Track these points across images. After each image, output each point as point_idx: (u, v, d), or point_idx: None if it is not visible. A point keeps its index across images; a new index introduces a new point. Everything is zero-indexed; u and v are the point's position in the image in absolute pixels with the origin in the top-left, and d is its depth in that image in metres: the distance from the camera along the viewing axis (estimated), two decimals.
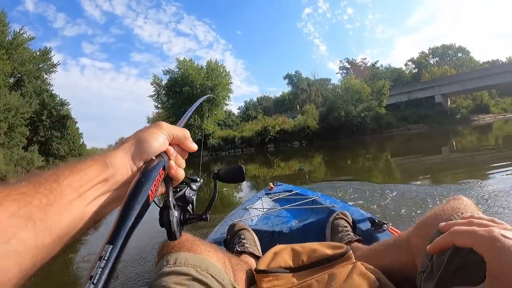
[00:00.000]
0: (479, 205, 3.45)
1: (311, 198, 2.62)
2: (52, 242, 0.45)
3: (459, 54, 75.00)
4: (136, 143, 0.63)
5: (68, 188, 0.49)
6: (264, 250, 1.34)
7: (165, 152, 0.68)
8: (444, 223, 0.70)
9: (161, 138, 0.67)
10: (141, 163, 0.62)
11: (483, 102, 50.38)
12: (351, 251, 1.12)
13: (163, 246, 0.91)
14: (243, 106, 66.68)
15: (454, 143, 14.92)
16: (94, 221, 0.54)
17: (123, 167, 0.59)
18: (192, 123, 38.66)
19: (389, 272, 1.01)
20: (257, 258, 1.54)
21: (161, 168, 0.64)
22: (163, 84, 40.85)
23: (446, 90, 46.45)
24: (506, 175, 5.29)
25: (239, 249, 1.60)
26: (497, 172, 5.59)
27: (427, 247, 0.66)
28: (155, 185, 0.59)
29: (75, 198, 0.50)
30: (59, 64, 35.63)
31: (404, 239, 1.02)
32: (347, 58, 65.62)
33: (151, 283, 0.79)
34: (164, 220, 0.65)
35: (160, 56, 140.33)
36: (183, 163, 0.74)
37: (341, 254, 1.09)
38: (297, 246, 1.20)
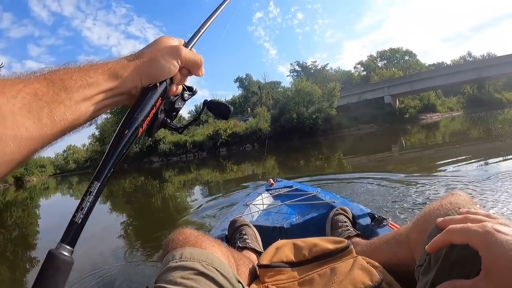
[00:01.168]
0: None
1: (311, 193, 2.66)
2: (54, 134, 0.53)
3: (406, 57, 78.29)
4: (149, 64, 0.66)
5: (77, 91, 0.56)
6: (265, 246, 1.40)
7: (170, 78, 0.71)
8: (442, 218, 0.73)
9: (172, 68, 0.69)
10: (146, 83, 0.67)
11: (430, 102, 52.81)
12: (352, 246, 1.16)
13: (168, 241, 0.95)
14: (193, 110, 65.90)
15: (403, 141, 15.47)
16: (92, 119, 0.61)
17: (129, 82, 0.64)
18: None
19: (388, 266, 1.04)
20: (258, 253, 1.58)
21: (160, 97, 0.69)
22: None
23: (395, 91, 48.37)
24: (453, 169, 5.65)
25: (240, 245, 1.64)
26: (442, 166, 6.05)
27: (426, 246, 0.69)
28: (147, 120, 0.66)
29: (81, 100, 0.56)
30: (2, 66, 33.57)
31: (403, 234, 1.05)
32: (297, 61, 66.64)
33: (158, 278, 0.82)
34: (151, 121, 0.70)
35: None
36: (184, 81, 0.77)
37: (343, 249, 1.14)
38: (299, 241, 1.23)
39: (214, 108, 0.92)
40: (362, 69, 75.69)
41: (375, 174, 5.97)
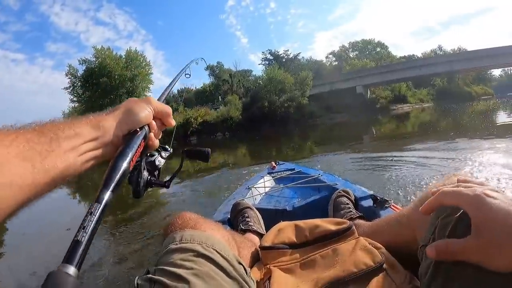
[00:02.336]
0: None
1: (313, 176, 2.68)
2: (46, 182, 0.56)
3: (378, 49, 79.42)
4: (126, 113, 0.74)
5: (65, 141, 0.60)
6: (268, 228, 1.42)
7: (148, 125, 0.78)
8: (436, 189, 0.74)
9: (147, 112, 0.77)
10: (126, 131, 0.73)
11: (401, 93, 54.02)
12: (354, 227, 1.17)
13: (168, 225, 0.98)
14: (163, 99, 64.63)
15: (374, 131, 15.92)
16: (81, 169, 0.65)
17: (111, 131, 0.70)
18: None
19: (390, 247, 1.05)
20: (261, 236, 1.60)
21: (142, 140, 0.75)
22: (79, 75, 37.46)
23: (367, 82, 49.28)
24: (413, 156, 6.00)
25: (243, 228, 1.67)
26: (405, 154, 6.41)
27: (420, 208, 0.73)
28: (135, 155, 0.72)
29: (69, 149, 0.61)
30: None
31: (405, 215, 1.04)
32: (269, 50, 66.38)
33: (159, 260, 0.84)
34: (133, 180, 0.79)
35: (77, 46, 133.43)
36: (159, 134, 0.86)
37: (344, 230, 1.14)
38: (301, 223, 1.24)
39: (192, 155, 1.02)
40: (334, 59, 76.51)
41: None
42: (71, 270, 0.46)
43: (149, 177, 0.83)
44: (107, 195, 0.60)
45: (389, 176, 4.63)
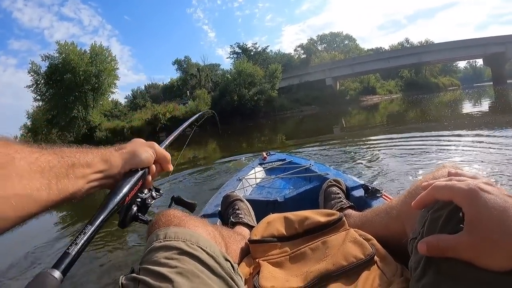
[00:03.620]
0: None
1: (304, 166, 2.69)
2: (56, 201, 0.65)
3: (346, 42, 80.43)
4: (131, 154, 0.87)
5: (79, 168, 0.72)
6: (259, 220, 1.37)
7: (148, 167, 0.92)
8: (426, 182, 0.73)
9: (150, 157, 0.90)
10: (128, 170, 0.86)
11: (370, 85, 55.24)
12: (344, 218, 1.18)
13: (152, 224, 0.97)
14: (130, 95, 63.75)
15: (344, 122, 16.18)
16: (83, 195, 0.75)
17: (116, 167, 0.83)
18: (76, 115, 35.82)
19: (380, 238, 1.05)
20: (251, 228, 1.57)
21: (140, 180, 0.88)
22: (42, 72, 35.83)
23: (336, 73, 50.27)
24: (385, 147, 6.07)
25: (233, 220, 1.66)
26: (376, 144, 6.50)
27: (412, 203, 0.72)
28: (131, 193, 0.83)
29: (81, 177, 0.72)
30: None
31: (394, 206, 1.04)
32: (238, 43, 66.21)
33: (142, 259, 0.83)
34: (122, 211, 0.90)
35: (41, 43, 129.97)
36: (156, 176, 0.98)
37: (334, 221, 1.15)
38: (290, 215, 1.23)
39: (181, 203, 1.17)
40: (302, 52, 76.96)
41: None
42: (57, 274, 0.55)
43: (137, 213, 0.95)
44: (99, 220, 0.70)
45: (361, 166, 4.72)
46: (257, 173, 2.89)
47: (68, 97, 35.35)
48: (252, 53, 60.98)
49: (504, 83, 42.28)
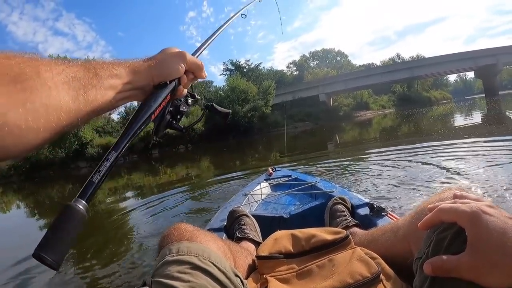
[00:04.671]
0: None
1: (310, 183, 2.69)
2: (87, 112, 0.64)
3: (338, 58, 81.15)
4: (160, 65, 0.82)
5: (107, 79, 0.70)
6: (265, 236, 1.44)
7: (179, 78, 0.87)
8: (432, 204, 0.76)
9: (180, 67, 0.85)
10: (157, 82, 0.82)
11: (363, 100, 55.68)
12: (350, 236, 1.18)
13: (164, 236, 1.00)
14: (123, 111, 63.44)
15: (338, 138, 16.26)
16: (114, 107, 0.74)
17: (144, 78, 0.80)
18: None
19: (386, 257, 1.05)
20: (257, 244, 1.60)
21: (169, 93, 0.84)
22: None
23: (329, 89, 50.60)
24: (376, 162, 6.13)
25: (239, 235, 1.67)
26: (371, 159, 6.69)
27: (418, 224, 0.74)
28: (158, 109, 0.81)
29: (108, 87, 0.70)
30: None
31: (401, 226, 1.06)
32: (231, 60, 66.49)
33: (155, 272, 0.84)
34: (155, 120, 0.85)
35: None
36: (189, 85, 0.94)
37: (341, 239, 1.15)
38: (297, 232, 1.23)
39: (215, 111, 1.11)
40: (295, 68, 77.52)
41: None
42: (82, 203, 0.59)
43: (170, 119, 0.92)
44: (123, 143, 0.70)
45: (357, 183, 4.71)
46: (263, 189, 2.91)
47: None
48: (245, 70, 61.21)
49: (496, 95, 43.00)
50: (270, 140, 23.91)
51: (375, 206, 1.77)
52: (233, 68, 63.64)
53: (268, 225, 1.94)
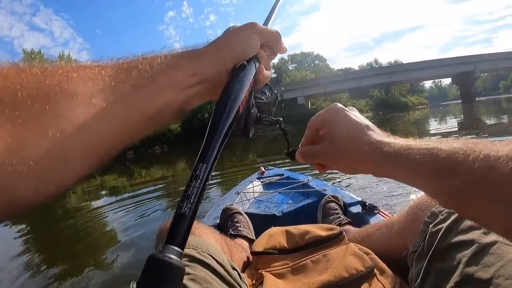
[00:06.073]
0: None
1: (302, 181, 2.71)
2: (142, 123, 0.47)
3: (317, 62, 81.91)
4: (228, 44, 0.60)
5: (163, 74, 0.51)
6: (257, 234, 1.46)
7: (256, 56, 0.64)
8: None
9: (253, 42, 0.63)
10: (231, 66, 0.59)
11: (342, 104, 55.16)
12: (344, 232, 1.21)
13: (162, 229, 1.02)
14: None
15: None
16: (183, 109, 0.55)
17: (213, 64, 0.57)
18: None
19: (380, 252, 1.08)
20: (250, 241, 1.61)
21: (252, 76, 0.61)
22: None
23: (308, 92, 51.29)
24: None
25: (233, 233, 1.68)
26: None
27: (298, 152, 0.73)
28: (244, 99, 0.58)
29: (167, 84, 0.51)
30: None
31: (395, 221, 1.10)
32: None
33: None
34: (242, 117, 0.61)
35: (11, 52, 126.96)
36: (270, 65, 0.70)
37: (335, 236, 1.17)
38: (291, 228, 1.25)
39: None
40: (273, 71, 77.77)
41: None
42: (175, 251, 0.37)
43: (258, 114, 0.69)
44: (214, 152, 0.47)
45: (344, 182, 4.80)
46: (255, 187, 2.93)
47: None
48: None
49: (473, 101, 43.97)
50: (247, 143, 23.74)
51: (367, 204, 1.81)
52: None
53: (261, 223, 1.94)
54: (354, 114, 0.68)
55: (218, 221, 1.96)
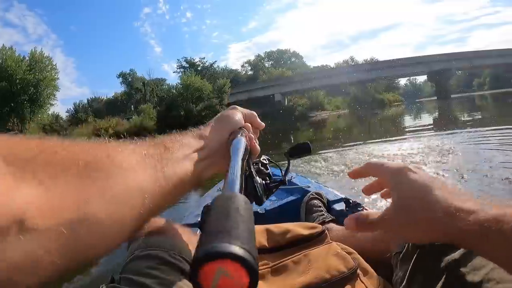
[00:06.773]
0: None
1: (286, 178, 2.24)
2: (169, 190, 0.55)
3: (293, 59, 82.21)
4: (221, 120, 0.77)
5: (177, 150, 0.61)
6: None
7: (243, 128, 0.78)
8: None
9: (239, 115, 0.79)
10: (227, 135, 0.73)
11: (319, 101, 56.84)
12: (327, 231, 1.17)
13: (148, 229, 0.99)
14: (71, 108, 61.42)
15: (292, 138, 16.73)
16: (197, 180, 0.66)
17: (214, 138, 0.72)
18: (11, 128, 33.49)
19: (363, 252, 1.05)
20: None
21: (245, 138, 0.71)
22: None
23: (285, 89, 51.73)
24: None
25: None
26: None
27: (348, 172, 0.78)
28: (246, 155, 0.65)
29: (182, 158, 0.61)
30: None
31: None
32: (185, 57, 65.91)
33: (123, 268, 0.83)
34: (249, 188, 0.67)
35: None
36: (255, 138, 0.82)
37: (317, 234, 1.14)
38: (272, 227, 1.22)
39: (295, 153, 0.97)
40: (250, 68, 77.92)
41: None
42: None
43: (263, 181, 0.75)
44: None
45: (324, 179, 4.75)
46: None
47: (2, 108, 33.05)
48: (199, 68, 60.83)
49: (449, 98, 44.95)
50: None
51: (351, 201, 1.78)
52: (187, 65, 63.15)
53: None
54: (420, 174, 0.61)
55: (199, 219, 1.87)
